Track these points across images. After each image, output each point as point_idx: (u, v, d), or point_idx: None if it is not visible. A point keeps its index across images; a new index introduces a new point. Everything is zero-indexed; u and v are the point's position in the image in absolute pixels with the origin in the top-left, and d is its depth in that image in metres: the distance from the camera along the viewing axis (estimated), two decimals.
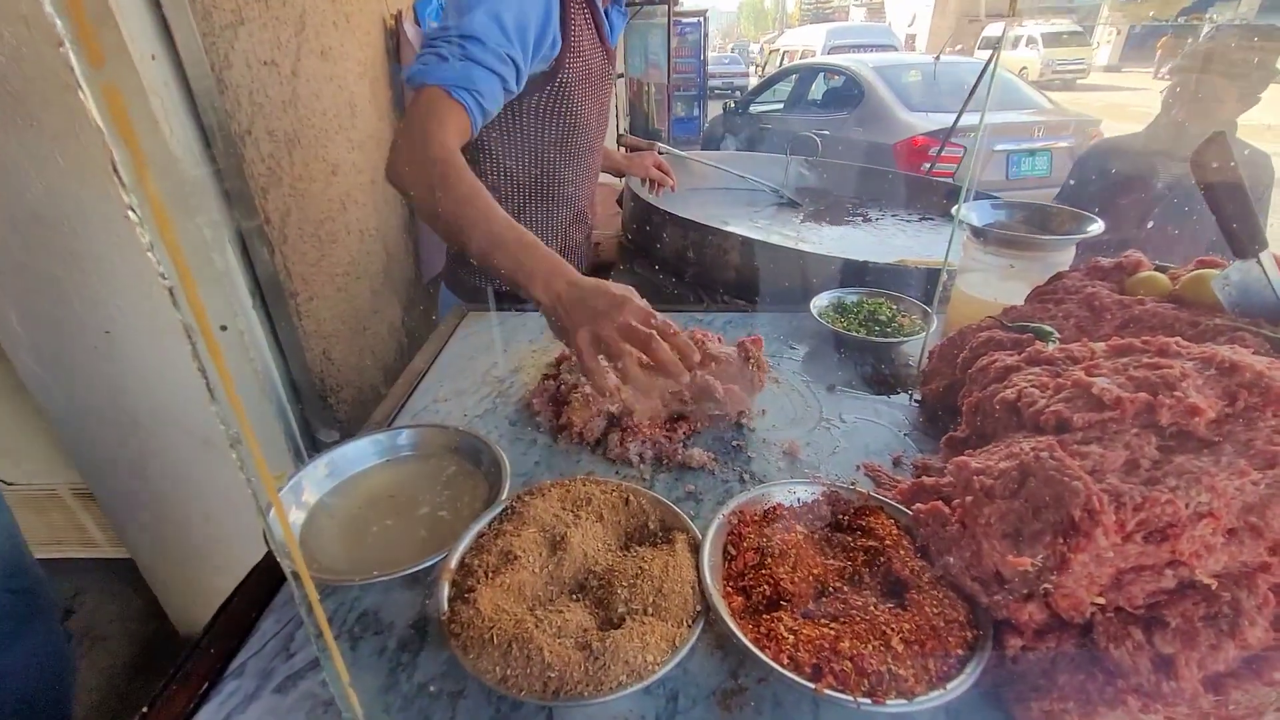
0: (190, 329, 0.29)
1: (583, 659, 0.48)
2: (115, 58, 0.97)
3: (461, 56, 0.91)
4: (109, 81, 0.23)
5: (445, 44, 0.92)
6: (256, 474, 0.34)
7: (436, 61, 0.92)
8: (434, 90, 0.91)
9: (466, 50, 0.92)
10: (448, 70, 0.91)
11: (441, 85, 0.91)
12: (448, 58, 0.91)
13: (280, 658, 0.57)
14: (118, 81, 0.23)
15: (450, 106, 0.92)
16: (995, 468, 0.54)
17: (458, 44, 0.92)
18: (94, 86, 0.24)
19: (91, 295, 1.22)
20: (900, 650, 0.48)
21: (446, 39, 0.92)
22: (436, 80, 0.91)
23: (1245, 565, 0.44)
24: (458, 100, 0.92)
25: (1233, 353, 0.53)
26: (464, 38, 0.92)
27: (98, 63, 0.23)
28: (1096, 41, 17.92)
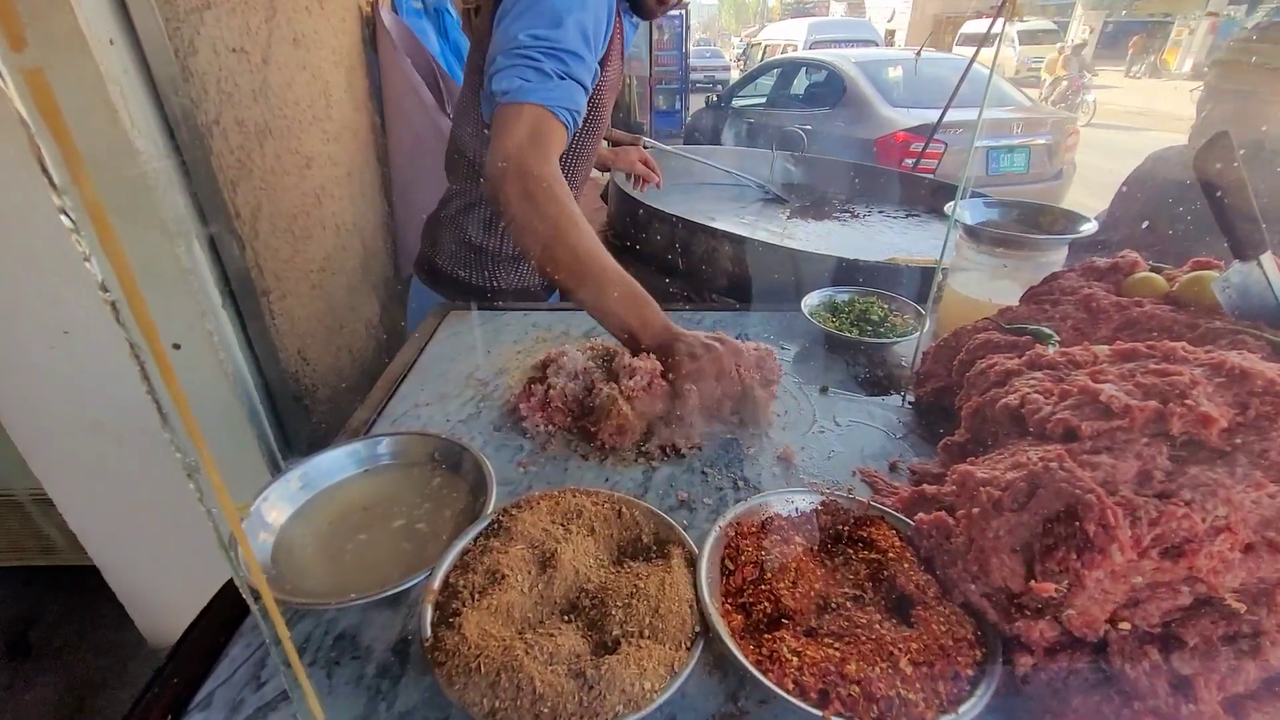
0: (138, 348, 0.26)
1: (576, 688, 0.45)
2: (69, 42, 0.91)
3: (563, 74, 0.88)
4: (33, 66, 0.20)
5: (543, 57, 0.87)
6: (217, 505, 0.30)
7: (538, 77, 0.86)
8: (538, 110, 0.86)
9: (569, 68, 0.88)
10: (553, 89, 0.87)
11: (547, 105, 0.87)
12: (550, 74, 0.87)
13: (250, 687, 0.53)
14: (70, 67, 0.20)
15: (555, 128, 0.88)
16: (1002, 478, 0.52)
17: (558, 58, 0.87)
18: (15, 73, 0.20)
19: (49, 294, 1.15)
20: (909, 672, 0.46)
21: (545, 52, 0.87)
22: (542, 100, 0.86)
23: (1263, 582, 0.43)
24: (562, 122, 0.89)
25: (1242, 359, 0.52)
26: (565, 52, 0.87)
27: (18, 45, 0.20)
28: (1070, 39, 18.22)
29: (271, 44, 1.37)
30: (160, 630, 1.67)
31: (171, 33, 1.07)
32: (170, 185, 1.09)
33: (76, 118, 1.00)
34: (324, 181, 1.60)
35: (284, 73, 1.42)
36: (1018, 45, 13.72)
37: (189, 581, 1.52)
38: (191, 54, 1.12)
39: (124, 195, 1.03)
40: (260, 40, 1.33)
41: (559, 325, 1.14)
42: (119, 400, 1.28)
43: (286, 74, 1.43)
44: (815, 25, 11.71)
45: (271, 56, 1.37)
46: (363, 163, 1.87)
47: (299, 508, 0.65)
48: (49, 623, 1.75)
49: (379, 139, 2.00)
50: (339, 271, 1.68)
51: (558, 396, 0.83)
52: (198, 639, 0.57)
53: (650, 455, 0.79)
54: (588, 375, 0.86)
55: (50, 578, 1.80)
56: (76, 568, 1.72)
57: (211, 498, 0.30)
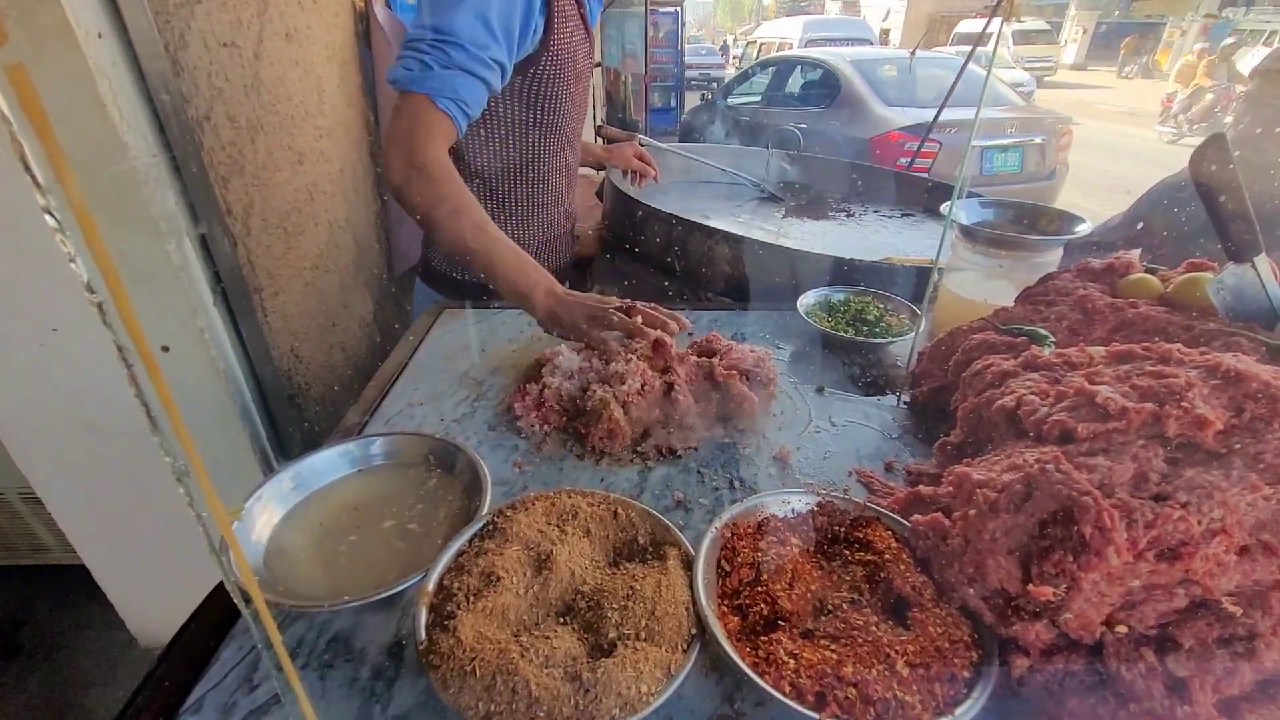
0: (125, 350, 0.25)
1: (572, 692, 0.45)
2: (55, 34, 0.90)
3: (445, 64, 0.89)
4: (15, 61, 0.19)
5: (428, 48, 0.89)
6: (207, 510, 0.30)
7: (420, 67, 0.89)
8: (418, 98, 0.90)
9: (450, 56, 0.89)
10: (431, 78, 0.89)
11: (426, 94, 0.89)
12: (431, 65, 0.89)
13: (242, 690, 0.52)
14: (58, 61, 0.19)
15: (435, 116, 0.91)
16: (998, 480, 0.52)
17: (440, 49, 0.89)
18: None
19: (37, 291, 1.14)
20: (905, 674, 0.46)
21: (430, 43, 0.89)
22: (421, 88, 0.89)
23: (1258, 584, 0.43)
24: (443, 110, 0.90)
25: (1237, 362, 0.52)
26: (446, 42, 0.89)
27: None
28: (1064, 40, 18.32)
29: (263, 39, 1.36)
30: (150, 630, 1.66)
31: (161, 26, 1.05)
32: (160, 182, 1.07)
33: (64, 113, 0.98)
34: (316, 178, 1.58)
35: (276, 68, 1.40)
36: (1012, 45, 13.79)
37: (179, 581, 1.50)
38: (182, 48, 1.11)
39: (113, 192, 1.01)
40: (252, 35, 1.32)
41: None
42: (108, 399, 1.27)
43: (279, 69, 1.41)
44: (810, 23, 11.73)
45: (263, 51, 1.35)
46: (355, 159, 1.85)
47: (292, 508, 0.65)
48: (38, 622, 1.74)
49: (372, 135, 1.98)
50: (332, 269, 1.67)
51: (552, 396, 0.83)
52: (189, 642, 0.56)
53: (646, 456, 0.79)
54: (583, 375, 0.85)
55: (40, 577, 1.78)
56: (66, 567, 1.71)
57: (201, 501, 0.30)
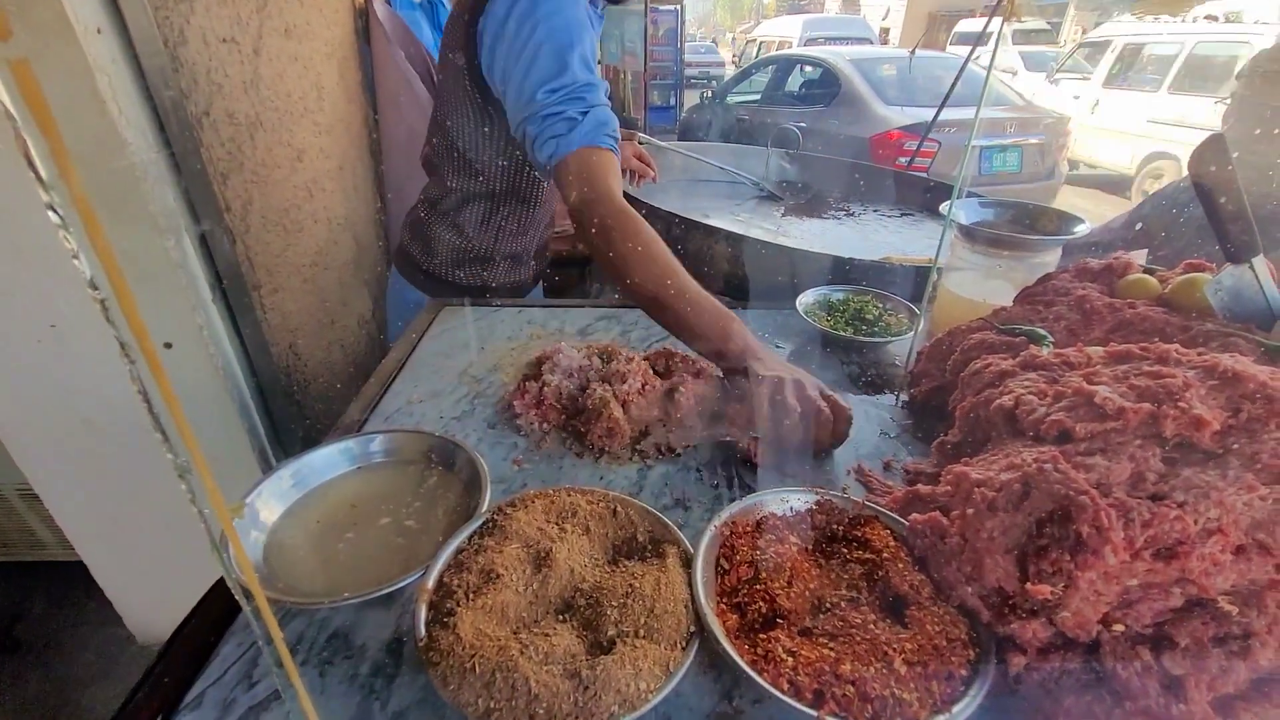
0: (128, 347, 0.25)
1: (571, 688, 0.45)
2: (55, 30, 0.89)
3: (583, 110, 0.92)
4: (19, 57, 0.19)
5: (568, 104, 0.92)
6: (209, 507, 0.30)
7: (567, 127, 0.92)
8: (582, 153, 0.92)
9: (587, 101, 0.93)
10: (584, 129, 0.92)
11: (586, 145, 0.92)
12: (575, 118, 0.92)
13: (242, 686, 0.52)
14: (57, 57, 0.19)
15: (602, 158, 0.93)
16: (996, 479, 0.52)
17: (579, 99, 0.92)
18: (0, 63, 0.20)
19: (36, 287, 1.14)
20: (903, 672, 0.46)
21: (564, 100, 0.92)
22: (580, 144, 0.91)
23: (1254, 583, 0.43)
24: (605, 148, 0.93)
25: (1235, 362, 0.52)
26: (581, 88, 0.92)
27: (3, 34, 0.19)
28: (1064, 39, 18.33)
29: (263, 35, 1.35)
30: (148, 626, 1.66)
31: (160, 22, 1.05)
32: (159, 178, 1.07)
33: (63, 108, 0.98)
34: (316, 175, 1.58)
35: (275, 64, 1.40)
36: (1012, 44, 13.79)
37: (177, 578, 1.51)
38: (181, 44, 1.11)
39: (112, 188, 1.01)
40: (251, 31, 1.32)
41: (554, 322, 1.14)
42: (106, 395, 1.27)
43: (278, 65, 1.41)
44: (810, 22, 11.73)
45: (263, 47, 1.35)
46: (355, 156, 1.85)
47: (291, 505, 0.65)
48: (35, 618, 1.74)
49: (371, 132, 1.98)
50: (330, 266, 1.67)
51: (552, 394, 0.83)
52: (189, 638, 0.56)
53: (645, 454, 0.79)
54: (583, 374, 0.86)
55: (37, 573, 1.78)
56: (63, 563, 1.71)
57: (204, 499, 0.30)
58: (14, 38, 0.20)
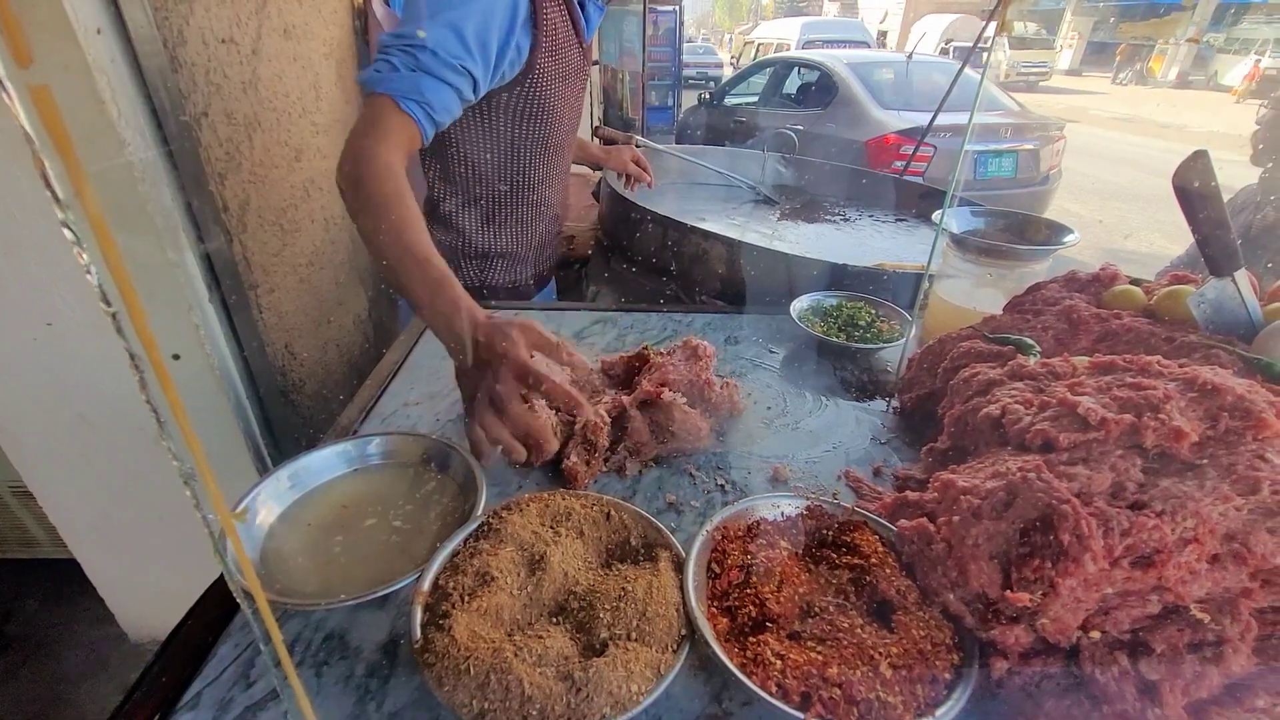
0: (138, 359, 0.26)
1: (564, 690, 0.46)
2: (54, 30, 0.90)
3: (413, 67, 0.89)
4: (40, 84, 0.20)
5: (399, 53, 0.89)
6: (213, 513, 0.31)
7: (388, 70, 0.89)
8: (383, 99, 0.89)
9: (419, 60, 0.89)
10: (398, 80, 0.89)
11: (390, 95, 0.88)
12: (399, 67, 0.89)
13: (239, 686, 0.53)
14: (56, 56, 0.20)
15: (398, 118, 0.89)
16: (982, 487, 0.53)
17: (410, 53, 0.89)
18: (21, 89, 0.20)
19: (32, 285, 1.14)
20: (889, 676, 0.47)
21: (400, 48, 0.89)
22: (385, 89, 0.89)
23: (1228, 591, 0.44)
24: (406, 111, 0.89)
25: (1214, 374, 0.54)
26: (417, 47, 0.89)
27: (24, 61, 0.20)
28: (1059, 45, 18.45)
29: (261, 35, 1.36)
30: (141, 625, 1.66)
31: (160, 22, 1.06)
32: (157, 178, 1.08)
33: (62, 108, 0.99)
34: (313, 174, 1.58)
35: (274, 64, 1.41)
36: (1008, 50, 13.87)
37: (171, 576, 1.51)
38: (180, 44, 1.11)
39: (110, 188, 1.02)
40: (250, 31, 1.32)
41: (549, 325, 1.14)
42: (102, 393, 1.27)
43: (276, 65, 1.42)
44: (808, 25, 11.78)
45: (261, 48, 1.35)
46: None
47: (288, 507, 0.65)
48: (27, 616, 1.74)
49: None
50: (327, 265, 1.67)
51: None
52: (185, 638, 0.57)
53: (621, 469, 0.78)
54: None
55: (29, 571, 1.78)
56: (56, 561, 1.71)
57: (207, 504, 0.31)
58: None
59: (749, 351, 1.08)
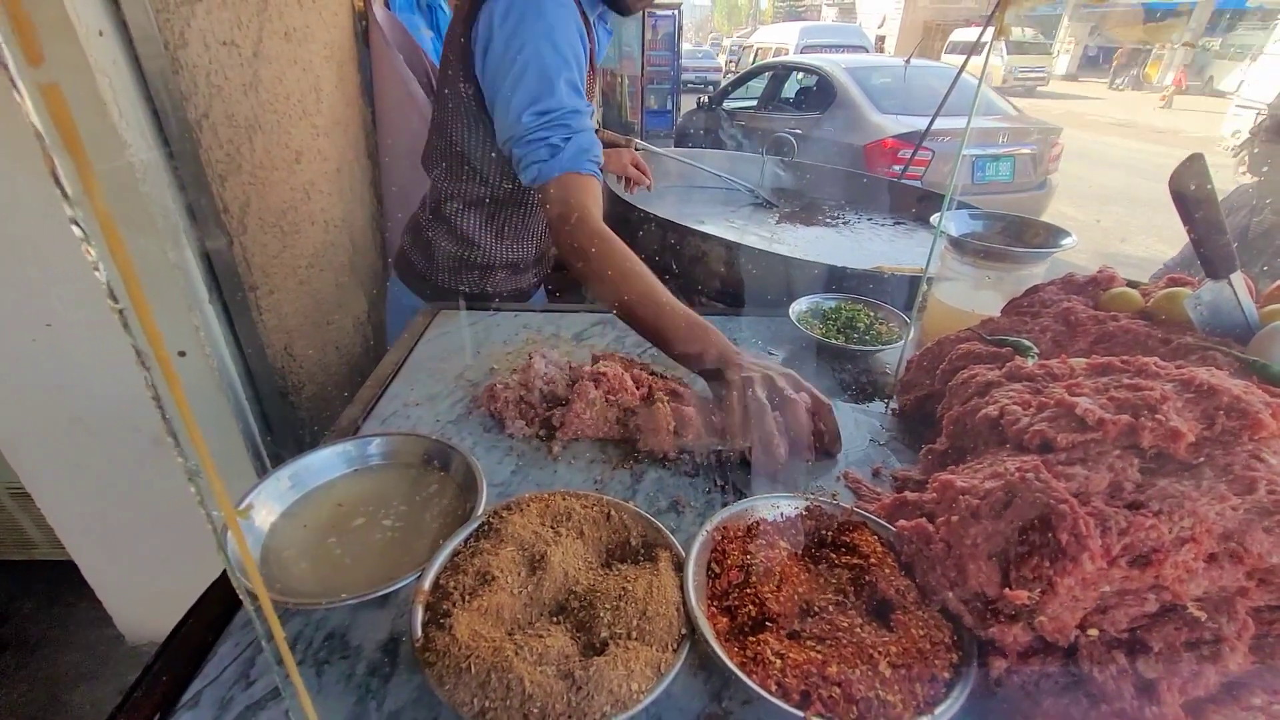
0: (144, 355, 0.26)
1: (565, 688, 0.46)
2: (57, 31, 0.90)
3: (567, 136, 0.95)
4: (51, 82, 0.20)
5: (552, 131, 0.94)
6: (218, 509, 0.31)
7: (551, 152, 0.94)
8: (566, 178, 0.94)
9: (572, 127, 0.95)
10: (567, 155, 0.94)
11: (569, 171, 0.94)
12: (559, 145, 0.94)
13: (239, 685, 0.53)
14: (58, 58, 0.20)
15: (584, 182, 0.95)
16: (981, 487, 0.54)
17: (563, 125, 0.94)
18: (32, 87, 0.21)
19: (31, 286, 1.14)
20: (888, 675, 0.47)
21: (549, 126, 0.94)
22: (563, 169, 0.94)
23: (1224, 590, 0.45)
24: (587, 174, 0.96)
25: (1210, 375, 0.54)
26: (567, 114, 0.94)
27: (36, 60, 0.20)
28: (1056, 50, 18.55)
29: (262, 37, 1.36)
30: (138, 627, 1.66)
31: (162, 24, 1.06)
32: (158, 179, 1.08)
33: None
34: (313, 177, 1.59)
35: (275, 67, 1.41)
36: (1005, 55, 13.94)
37: (168, 578, 1.51)
38: (182, 46, 1.11)
39: (112, 189, 1.02)
40: (251, 33, 1.32)
41: (549, 327, 1.15)
42: (100, 395, 1.27)
43: (277, 68, 1.42)
44: (807, 30, 11.83)
45: (262, 50, 1.36)
46: (353, 158, 1.86)
47: (289, 507, 0.65)
48: (24, 618, 1.73)
49: (369, 134, 1.99)
50: (327, 267, 1.67)
51: (505, 392, 0.87)
52: (186, 638, 0.57)
53: (636, 459, 0.80)
54: (556, 378, 0.88)
55: (25, 572, 1.78)
56: (52, 563, 1.71)
57: (211, 501, 0.31)
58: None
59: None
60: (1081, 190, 6.60)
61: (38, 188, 1.04)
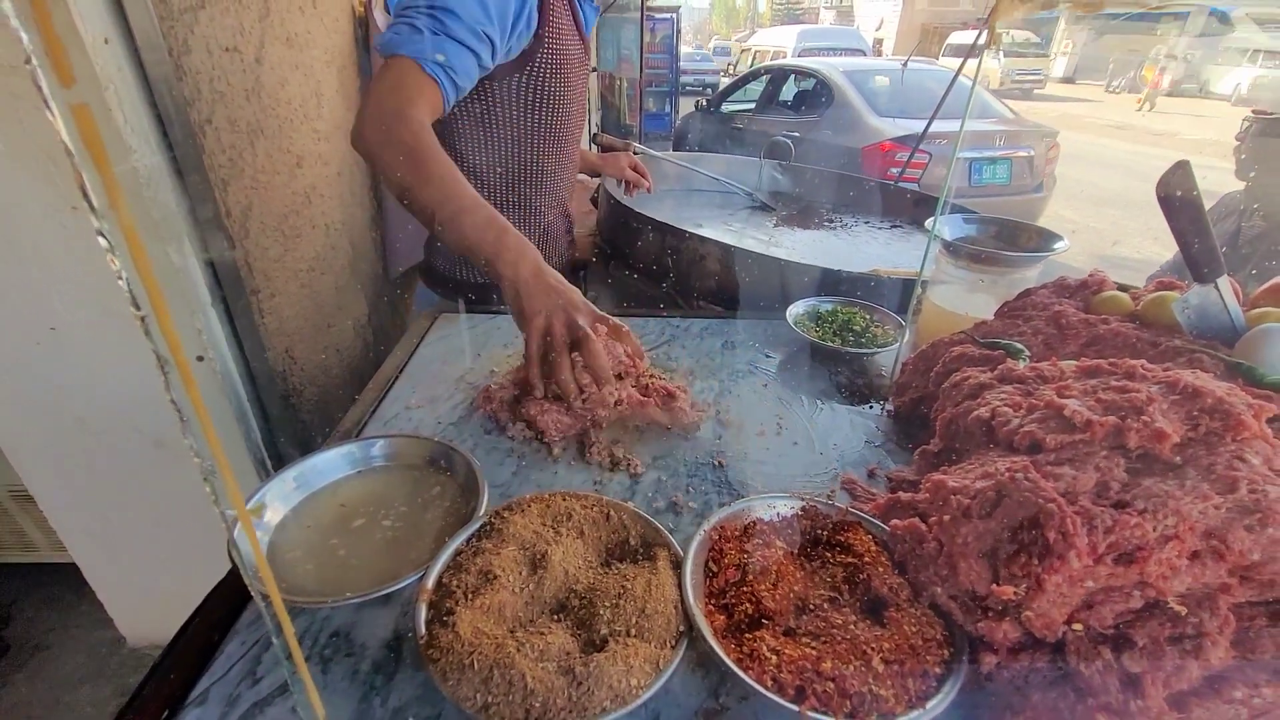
0: (164, 360, 0.28)
1: (566, 684, 0.47)
2: (65, 41, 0.91)
3: (436, 30, 0.88)
4: (81, 102, 0.22)
5: (419, 14, 0.88)
6: (232, 509, 0.32)
7: (409, 32, 0.88)
8: (406, 61, 0.87)
9: (442, 24, 0.88)
10: (421, 42, 0.87)
11: (414, 58, 0.87)
12: (422, 29, 0.87)
13: (246, 683, 0.54)
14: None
15: (423, 80, 0.88)
16: (972, 487, 0.55)
17: (434, 16, 0.88)
18: (63, 107, 0.22)
19: (33, 288, 1.15)
20: (881, 670, 0.48)
21: (420, 9, 0.88)
22: (409, 52, 0.87)
23: (1207, 587, 0.46)
24: (430, 75, 0.88)
25: (1195, 378, 0.56)
26: (440, 9, 0.88)
27: (69, 82, 0.21)
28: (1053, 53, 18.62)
29: (265, 43, 1.37)
30: (139, 629, 1.66)
31: (166, 32, 1.07)
32: (162, 184, 1.09)
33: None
34: (314, 181, 1.60)
35: (277, 72, 1.42)
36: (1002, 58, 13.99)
37: (170, 580, 1.52)
38: (185, 53, 1.12)
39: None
40: (253, 40, 1.33)
41: None
42: (104, 397, 1.28)
43: (279, 73, 1.43)
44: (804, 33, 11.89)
45: (264, 56, 1.37)
46: (353, 162, 1.87)
47: (294, 507, 0.66)
48: (25, 620, 1.74)
49: None
50: (327, 271, 1.68)
51: (497, 389, 0.88)
52: (193, 636, 0.58)
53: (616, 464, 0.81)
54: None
55: (27, 575, 1.78)
56: (54, 565, 1.71)
57: (225, 500, 0.32)
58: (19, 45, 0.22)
59: (746, 356, 1.10)
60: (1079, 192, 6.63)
61: (41, 191, 1.05)
